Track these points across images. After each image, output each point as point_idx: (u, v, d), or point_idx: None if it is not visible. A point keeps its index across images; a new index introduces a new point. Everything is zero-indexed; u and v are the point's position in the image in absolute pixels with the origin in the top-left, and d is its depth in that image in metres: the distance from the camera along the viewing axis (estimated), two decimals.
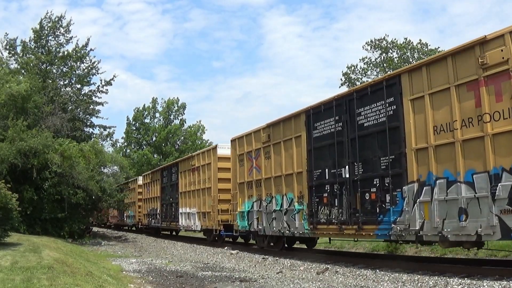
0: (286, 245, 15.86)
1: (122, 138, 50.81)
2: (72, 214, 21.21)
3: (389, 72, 19.70)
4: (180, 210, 23.10)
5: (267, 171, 15.32)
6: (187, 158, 23.45)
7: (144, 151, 48.03)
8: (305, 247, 16.63)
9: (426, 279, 8.78)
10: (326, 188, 12.52)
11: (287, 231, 14.02)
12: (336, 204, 12.01)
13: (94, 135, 27.42)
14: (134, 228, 35.20)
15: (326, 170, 12.51)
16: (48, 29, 25.73)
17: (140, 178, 32.58)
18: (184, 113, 51.96)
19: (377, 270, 10.32)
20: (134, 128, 51.24)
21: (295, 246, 17.58)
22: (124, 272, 11.29)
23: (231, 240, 20.72)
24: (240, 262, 13.66)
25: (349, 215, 11.63)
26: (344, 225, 11.74)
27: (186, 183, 22.59)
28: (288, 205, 13.99)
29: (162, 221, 26.26)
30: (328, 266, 11.51)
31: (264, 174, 15.43)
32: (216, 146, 20.00)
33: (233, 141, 17.84)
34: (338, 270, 10.85)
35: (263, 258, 14.16)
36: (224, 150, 19.28)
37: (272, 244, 15.77)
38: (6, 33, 43.68)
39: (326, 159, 12.53)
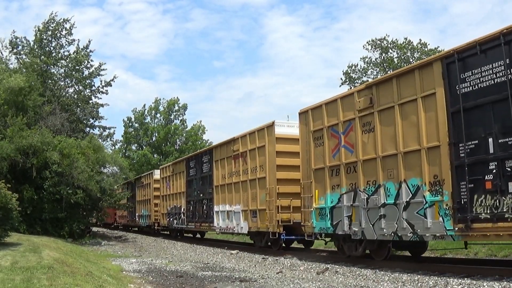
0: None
1: (120, 141, 50.81)
2: (72, 214, 21.22)
3: (389, 72, 19.68)
4: (216, 208, 19.13)
5: (367, 150, 11.28)
6: (225, 143, 18.72)
7: (143, 151, 48.01)
8: (304, 247, 16.48)
9: (426, 279, 8.78)
10: (490, 168, 8.57)
11: (410, 234, 9.93)
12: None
13: (94, 135, 27.43)
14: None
15: (490, 140, 8.64)
16: (51, 30, 25.74)
17: (157, 171, 28.20)
18: (185, 113, 52.04)
19: (377, 270, 10.32)
20: (133, 129, 51.22)
21: (294, 246, 17.54)
22: (124, 272, 11.29)
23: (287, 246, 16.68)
24: (240, 262, 13.66)
25: None
26: None
27: (225, 174, 18.43)
28: (410, 196, 10.03)
29: (188, 221, 22.31)
30: (328, 266, 11.51)
31: (362, 155, 11.38)
32: (273, 122, 15.42)
33: (303, 113, 13.70)
34: (338, 270, 10.85)
35: (263, 258, 14.16)
36: (284, 128, 15.34)
37: (369, 251, 11.86)
38: (13, 30, 43.75)
39: (488, 123, 8.67)
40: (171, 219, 24.69)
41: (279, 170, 15.04)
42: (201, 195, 20.85)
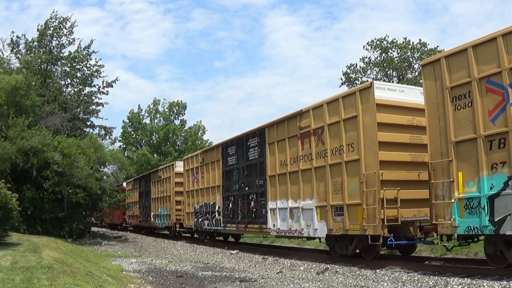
0: None
1: (119, 141, 50.75)
2: (72, 214, 21.22)
3: (389, 72, 19.71)
4: (271, 205, 15.02)
5: None
6: (286, 119, 14.49)
7: (143, 150, 47.98)
8: (308, 247, 16.41)
9: (426, 279, 8.79)
10: None
11: None
12: None
13: (94, 134, 27.42)
14: (167, 232, 27.28)
15: None
16: (52, 29, 25.75)
17: (179, 163, 24.32)
18: (184, 113, 51.99)
19: (377, 270, 10.32)
20: (132, 129, 51.17)
21: (295, 246, 17.55)
22: (124, 272, 11.29)
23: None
24: (240, 262, 13.66)
25: None
26: None
27: (286, 159, 14.24)
28: None
29: (226, 222, 18.20)
30: (328, 266, 11.51)
31: None
32: (370, 84, 11.48)
33: (430, 64, 9.99)
34: (338, 270, 10.85)
35: (263, 258, 14.15)
36: (385, 92, 11.47)
37: None
38: (12, 31, 43.77)
39: None
40: (201, 219, 20.58)
41: (383, 148, 11.01)
42: (247, 188, 16.68)
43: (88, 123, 27.92)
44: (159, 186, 26.26)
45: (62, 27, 25.78)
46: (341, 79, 32.42)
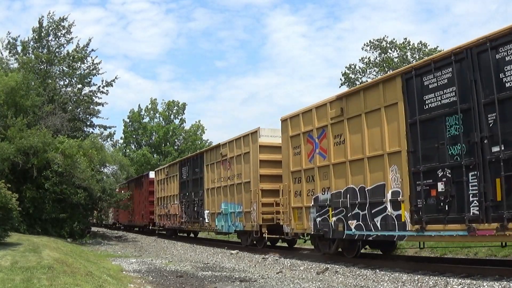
0: None
1: (121, 138, 50.79)
2: (72, 214, 21.22)
3: (389, 72, 19.68)
4: None
5: None
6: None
7: (143, 150, 48.00)
8: (308, 247, 16.45)
9: (426, 279, 8.79)
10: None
11: None
12: None
13: (94, 134, 27.40)
14: (237, 240, 20.00)
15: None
16: (49, 29, 25.72)
17: (266, 131, 16.64)
18: (184, 113, 52.00)
19: (377, 270, 10.32)
20: (132, 129, 51.19)
21: (295, 246, 17.57)
22: (124, 272, 11.29)
23: None
24: (240, 262, 13.66)
25: None
26: None
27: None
28: None
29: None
30: (328, 266, 11.51)
31: None
32: None
33: None
34: (338, 270, 10.85)
35: (263, 258, 14.16)
36: None
37: None
38: (8, 32, 43.76)
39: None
40: (336, 218, 12.04)
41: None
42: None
43: (88, 123, 27.91)
44: (222, 169, 18.78)
45: (59, 26, 25.75)
46: (341, 79, 32.46)
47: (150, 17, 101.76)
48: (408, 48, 30.52)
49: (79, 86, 26.85)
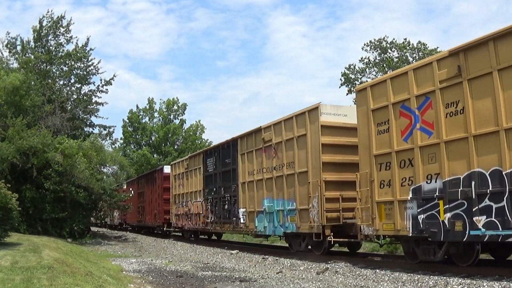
0: None
1: (121, 138, 50.75)
2: (72, 214, 21.22)
3: (389, 72, 19.75)
4: None
5: None
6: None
7: (143, 150, 47.98)
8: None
9: (426, 279, 8.79)
10: None
11: None
12: None
13: (94, 135, 27.39)
14: (283, 244, 17.15)
15: None
16: (48, 28, 25.72)
17: (328, 107, 13.62)
18: (184, 113, 51.97)
19: (377, 270, 10.32)
20: (132, 129, 51.17)
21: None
22: (124, 272, 11.29)
23: None
24: (240, 262, 13.66)
25: None
26: None
27: None
28: None
29: None
30: (328, 266, 11.51)
31: None
32: None
33: None
34: (338, 270, 10.85)
35: (263, 258, 14.16)
36: None
37: None
38: (7, 32, 43.76)
39: None
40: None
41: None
42: None
43: (88, 123, 27.91)
44: (265, 158, 15.63)
45: (58, 26, 25.74)
46: (341, 79, 32.46)
47: (150, 17, 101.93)
48: (408, 48, 30.53)
49: (78, 85, 26.88)
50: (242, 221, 16.97)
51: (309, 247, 13.85)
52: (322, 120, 13.06)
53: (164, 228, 26.01)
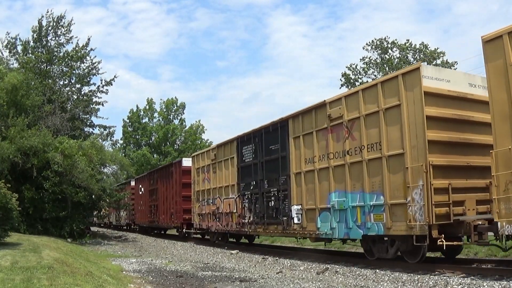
0: None
1: (121, 138, 50.79)
2: (72, 214, 21.23)
3: (389, 73, 19.74)
4: None
5: None
6: None
7: (143, 150, 48.00)
8: (308, 247, 16.21)
9: (426, 279, 8.78)
10: None
11: None
12: None
13: (94, 135, 27.42)
14: (385, 256, 11.55)
15: None
16: (48, 28, 25.73)
17: (429, 68, 11.40)
18: (183, 113, 52.00)
19: (377, 270, 10.32)
20: (132, 129, 51.20)
21: (295, 246, 17.51)
22: (124, 272, 11.29)
23: None
24: (240, 262, 13.66)
25: None
26: None
27: None
28: None
29: None
30: (328, 266, 11.51)
31: None
32: None
33: None
34: (338, 270, 10.85)
35: (263, 258, 14.15)
36: None
37: None
38: (7, 32, 43.75)
39: None
40: None
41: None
42: None
43: (88, 123, 27.93)
44: (332, 140, 12.39)
45: (59, 25, 25.75)
46: (341, 79, 32.45)
47: (151, 17, 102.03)
48: (409, 49, 30.52)
49: (78, 85, 26.90)
50: (296, 221, 13.67)
51: (399, 253, 10.79)
52: (425, 85, 9.99)
53: (183, 230, 22.96)
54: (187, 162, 23.47)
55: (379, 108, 10.81)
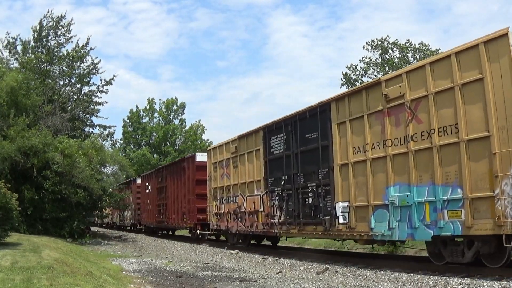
0: None
1: (120, 138, 50.81)
2: (72, 214, 21.23)
3: (390, 72, 19.76)
4: None
5: None
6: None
7: (142, 150, 48.01)
8: (308, 247, 16.31)
9: (426, 279, 8.78)
10: None
11: None
12: None
13: (94, 135, 27.44)
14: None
15: None
16: (49, 28, 25.74)
17: None
18: (183, 113, 52.00)
19: (377, 270, 10.32)
20: (132, 129, 51.21)
21: (295, 246, 17.50)
22: (124, 272, 11.29)
23: None
24: (240, 262, 13.66)
25: None
26: None
27: None
28: None
29: None
30: (328, 266, 11.51)
31: None
32: None
33: None
34: (338, 270, 10.85)
35: (263, 258, 14.16)
36: None
37: None
38: (7, 32, 43.77)
39: None
40: None
41: None
42: None
43: (88, 123, 27.94)
44: (389, 125, 10.76)
45: (59, 25, 25.76)
46: (341, 79, 32.44)
47: (151, 17, 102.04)
48: (410, 49, 30.51)
49: (78, 85, 26.90)
50: (341, 220, 11.89)
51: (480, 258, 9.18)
52: None
53: (198, 231, 21.06)
54: (201, 157, 21.72)
55: (454, 84, 9.13)
